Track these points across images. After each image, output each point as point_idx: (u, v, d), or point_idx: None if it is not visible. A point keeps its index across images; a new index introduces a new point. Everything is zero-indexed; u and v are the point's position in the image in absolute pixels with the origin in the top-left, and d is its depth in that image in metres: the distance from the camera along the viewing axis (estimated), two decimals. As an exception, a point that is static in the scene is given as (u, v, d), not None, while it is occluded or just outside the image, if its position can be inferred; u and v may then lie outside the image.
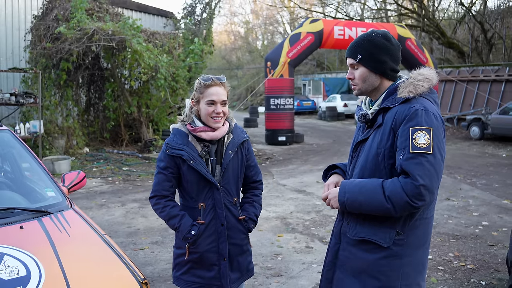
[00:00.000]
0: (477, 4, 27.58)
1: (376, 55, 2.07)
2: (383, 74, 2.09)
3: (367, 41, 2.08)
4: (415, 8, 27.06)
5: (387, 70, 2.09)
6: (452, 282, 4.23)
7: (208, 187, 2.47)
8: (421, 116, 1.93)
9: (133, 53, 10.97)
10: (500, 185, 8.81)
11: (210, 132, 2.46)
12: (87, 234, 2.71)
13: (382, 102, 2.10)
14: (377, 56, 2.07)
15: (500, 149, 14.21)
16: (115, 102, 12.89)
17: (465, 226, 6.09)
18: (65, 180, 3.46)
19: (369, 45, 2.08)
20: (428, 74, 2.07)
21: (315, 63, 37.74)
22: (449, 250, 5.12)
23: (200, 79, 2.48)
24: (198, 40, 14.25)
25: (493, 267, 4.60)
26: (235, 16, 56.48)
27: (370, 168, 2.07)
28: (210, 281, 2.51)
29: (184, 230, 2.44)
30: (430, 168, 1.88)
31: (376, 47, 2.07)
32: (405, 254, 2.02)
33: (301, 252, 5.18)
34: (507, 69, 19.31)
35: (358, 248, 2.09)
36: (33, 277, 2.16)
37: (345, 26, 16.58)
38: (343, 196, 2.06)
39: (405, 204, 1.89)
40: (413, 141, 1.90)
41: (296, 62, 15.87)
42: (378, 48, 2.07)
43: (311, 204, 7.40)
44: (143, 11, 16.52)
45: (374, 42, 2.07)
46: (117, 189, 8.46)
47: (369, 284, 2.05)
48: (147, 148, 12.41)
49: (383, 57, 2.07)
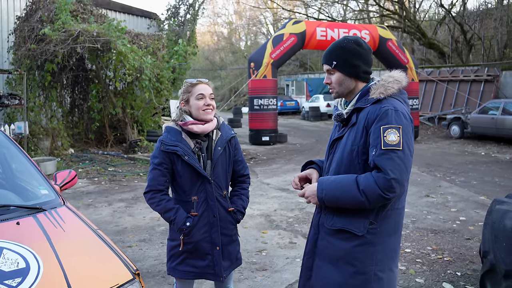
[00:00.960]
0: (457, 5, 28.12)
1: (350, 60, 2.24)
2: (357, 77, 2.27)
3: (340, 47, 2.26)
4: (397, 10, 27.43)
5: (360, 73, 2.27)
6: (430, 274, 4.44)
7: (200, 181, 2.65)
8: (391, 116, 2.11)
9: (118, 55, 11.03)
10: (478, 182, 9.09)
11: (201, 125, 2.65)
12: (81, 229, 2.84)
13: (356, 103, 2.27)
14: (351, 61, 2.25)
15: (479, 147, 14.55)
16: (99, 103, 12.93)
17: (443, 221, 6.32)
18: (57, 178, 3.58)
19: (342, 51, 2.25)
20: (398, 77, 2.25)
21: (298, 64, 37.99)
22: (427, 244, 5.33)
23: (186, 81, 2.70)
24: (182, 41, 14.36)
25: (468, 259, 4.83)
26: (218, 16, 56.57)
27: (345, 163, 2.24)
28: (204, 269, 2.69)
29: (179, 222, 2.60)
30: (400, 162, 2.06)
31: (349, 53, 2.24)
32: (378, 241, 2.20)
33: (285, 247, 5.34)
34: (486, 70, 19.72)
35: (335, 238, 2.26)
36: (32, 269, 2.28)
37: (327, 27, 16.79)
38: (321, 192, 2.23)
39: (378, 197, 2.06)
40: (384, 139, 2.07)
41: (279, 63, 16.04)
42: (350, 53, 2.24)
43: (294, 202, 7.57)
44: (127, 12, 16.55)
45: (346, 49, 2.25)
46: (104, 189, 8.54)
47: (345, 270, 2.23)
48: (132, 149, 12.47)
49: (356, 62, 2.25)
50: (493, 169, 10.57)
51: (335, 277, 2.25)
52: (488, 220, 3.82)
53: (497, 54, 22.88)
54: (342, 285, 2.23)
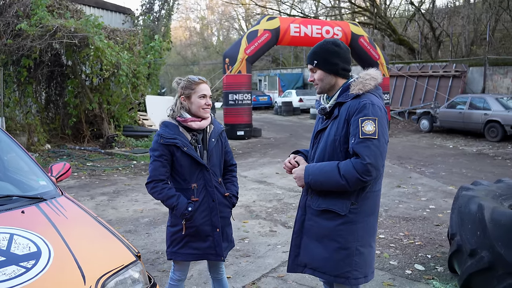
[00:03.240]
0: (426, 3, 28.83)
1: (329, 59, 2.55)
2: (336, 74, 2.57)
3: (321, 48, 2.57)
4: (368, 7, 27.94)
5: (339, 70, 2.57)
6: (403, 257, 4.77)
7: (199, 169, 2.90)
8: (368, 109, 2.41)
9: (95, 50, 11.07)
10: (446, 173, 9.53)
11: (198, 122, 2.92)
12: (83, 217, 3.03)
13: (337, 98, 2.57)
14: (330, 60, 2.55)
15: (447, 140, 15.10)
16: (76, 98, 12.92)
17: (414, 209, 6.69)
18: (52, 170, 3.74)
19: (322, 51, 2.56)
20: (374, 74, 2.56)
21: (271, 59, 38.26)
22: (399, 230, 5.68)
23: (189, 78, 2.94)
24: (158, 37, 14.44)
25: (438, 243, 5.19)
26: (190, 11, 56.34)
27: (328, 151, 2.53)
28: (206, 250, 2.95)
29: (181, 208, 2.85)
30: (376, 150, 2.36)
31: (328, 53, 2.55)
32: (359, 220, 2.51)
33: (265, 235, 5.61)
34: (454, 65, 20.34)
35: (320, 217, 2.56)
36: (43, 252, 2.46)
37: (301, 23, 17.07)
38: (307, 178, 2.53)
39: (357, 180, 2.36)
40: (362, 129, 2.37)
41: (253, 59, 16.27)
42: (329, 53, 2.54)
43: (272, 193, 7.84)
44: (101, 8, 16.47)
45: (326, 49, 2.55)
46: (84, 183, 8.64)
47: (330, 246, 2.53)
48: (109, 144, 12.53)
49: (334, 60, 2.55)
50: (460, 161, 11.06)
51: (322, 252, 2.55)
52: (455, 206, 4.17)
53: (465, 51, 23.61)
54: (327, 260, 2.53)
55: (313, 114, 23.99)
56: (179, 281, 3.12)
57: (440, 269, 4.42)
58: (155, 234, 5.67)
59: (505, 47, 21.97)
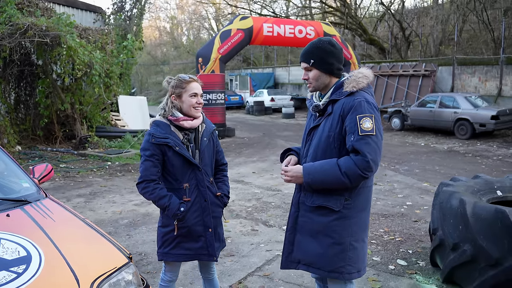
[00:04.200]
0: (396, 3, 29.33)
1: (325, 59, 2.57)
2: (332, 73, 2.60)
3: (317, 48, 2.58)
4: (339, 6, 28.22)
5: (334, 70, 2.60)
6: (385, 253, 4.85)
7: (191, 169, 2.87)
8: (364, 106, 2.45)
9: (67, 50, 10.85)
10: (420, 170, 9.72)
11: (190, 121, 2.88)
12: (71, 219, 2.97)
13: (331, 95, 2.59)
14: (326, 60, 2.57)
15: (419, 138, 15.39)
16: (47, 99, 12.64)
17: (392, 206, 6.80)
18: (34, 172, 3.67)
19: (319, 51, 2.57)
20: (366, 73, 2.60)
21: (242, 59, 38.25)
22: (379, 227, 5.77)
23: (179, 77, 2.90)
24: (131, 37, 14.27)
25: (417, 239, 5.29)
26: (160, 11, 55.85)
27: (322, 148, 2.56)
28: (198, 251, 2.92)
29: (174, 208, 2.81)
30: (375, 145, 2.41)
31: (324, 53, 2.56)
32: (352, 215, 2.55)
33: (248, 234, 5.61)
34: (424, 65, 20.72)
35: (314, 213, 2.59)
36: (34, 256, 2.39)
37: (274, 23, 17.14)
38: (307, 177, 2.53)
39: (358, 176, 2.40)
40: (360, 126, 2.41)
41: (227, 58, 16.24)
42: (326, 53, 2.56)
43: (250, 193, 7.85)
44: (71, 6, 16.13)
45: (322, 49, 2.57)
46: (59, 185, 8.47)
47: (324, 241, 2.56)
48: (82, 145, 12.30)
49: (331, 60, 2.57)
50: (433, 158, 11.29)
51: (316, 248, 2.57)
52: (436, 201, 4.26)
53: (433, 51, 24.10)
54: (322, 255, 2.56)
55: (285, 114, 24.10)
56: (170, 282, 3.09)
57: (422, 264, 4.51)
58: (136, 235, 5.60)
59: (472, 47, 22.52)
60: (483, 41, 21.38)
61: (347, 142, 2.46)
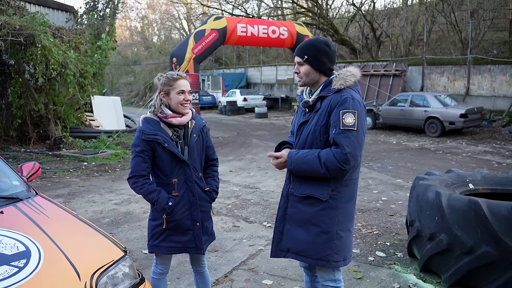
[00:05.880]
0: (366, 4, 29.83)
1: (319, 57, 2.71)
2: (322, 72, 2.75)
3: (313, 45, 2.72)
4: (310, 7, 28.51)
5: (325, 70, 2.75)
6: (364, 245, 5.03)
7: (180, 165, 2.96)
8: (349, 102, 2.60)
9: (42, 49, 10.73)
10: (393, 167, 10.00)
11: (179, 118, 2.97)
12: (63, 215, 3.03)
13: (320, 92, 2.75)
14: (320, 58, 2.71)
15: (390, 136, 15.75)
16: (20, 99, 12.46)
17: (368, 201, 7.01)
18: (23, 170, 3.70)
19: (314, 48, 2.71)
20: (354, 71, 2.75)
21: (213, 59, 38.23)
22: (357, 221, 5.96)
23: (167, 75, 2.98)
24: (105, 36, 14.18)
25: (394, 232, 5.50)
26: (131, 10, 55.32)
27: (309, 141, 2.72)
28: (186, 244, 3.01)
29: (162, 202, 2.90)
30: (354, 140, 2.55)
31: (319, 51, 2.71)
32: (339, 206, 2.70)
33: (230, 231, 5.72)
34: (394, 65, 21.16)
35: (303, 204, 2.74)
36: (33, 251, 2.45)
37: (247, 23, 17.22)
38: (290, 165, 2.72)
39: (337, 168, 2.55)
40: (342, 120, 2.56)
41: (201, 58, 16.25)
42: (320, 52, 2.71)
43: (229, 191, 7.96)
44: (42, 5, 15.90)
45: (318, 47, 2.71)
46: (36, 186, 8.40)
47: (312, 230, 2.71)
48: (56, 146, 12.17)
49: (323, 59, 2.72)
50: (405, 156, 11.61)
51: (304, 237, 2.72)
52: (412, 194, 4.46)
53: (403, 51, 24.61)
54: (310, 243, 2.71)
55: (258, 113, 24.23)
56: (162, 275, 3.18)
57: (399, 255, 4.71)
58: (119, 233, 5.65)
59: (441, 47, 23.09)
60: (451, 42, 21.95)
61: (330, 135, 2.62)
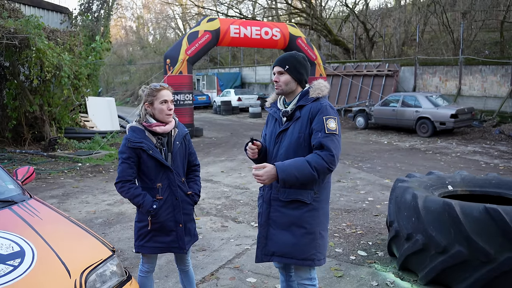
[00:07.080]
0: (360, 5, 30.05)
1: (298, 68, 2.96)
2: (300, 82, 2.99)
3: (294, 58, 2.98)
4: (304, 8, 28.69)
5: (303, 81, 3.00)
6: (346, 245, 5.23)
7: (163, 170, 3.19)
8: (329, 110, 2.86)
9: (37, 52, 10.87)
10: (382, 167, 10.20)
11: (162, 126, 3.19)
12: (56, 217, 3.21)
13: (297, 102, 2.97)
14: (299, 69, 2.96)
15: (382, 137, 15.95)
16: (15, 100, 12.59)
17: (354, 202, 7.21)
18: (17, 174, 3.87)
19: (294, 60, 2.97)
20: (325, 83, 3.02)
21: (208, 58, 38.36)
22: (342, 221, 6.16)
23: (151, 86, 3.20)
24: (99, 38, 14.32)
25: (377, 231, 5.70)
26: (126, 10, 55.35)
27: (293, 148, 2.91)
28: (170, 244, 3.23)
29: (147, 205, 3.11)
30: (338, 143, 2.81)
31: (299, 63, 2.97)
32: (320, 207, 2.93)
33: (218, 230, 5.91)
34: (387, 65, 21.37)
35: (287, 208, 2.93)
36: (27, 251, 2.64)
37: (240, 25, 17.40)
38: (282, 174, 2.76)
39: (326, 170, 2.76)
40: (327, 126, 2.80)
41: (194, 59, 16.43)
42: (300, 64, 2.97)
43: (219, 191, 8.14)
44: (37, 6, 15.97)
45: (298, 59, 2.97)
46: (30, 187, 8.55)
47: (297, 232, 2.91)
48: (51, 147, 12.31)
49: (302, 71, 2.97)
50: (395, 156, 11.82)
51: (289, 239, 2.92)
52: (392, 196, 4.65)
53: (396, 51, 24.85)
54: (295, 245, 2.91)
55: (252, 113, 24.37)
56: (148, 273, 3.38)
57: (380, 254, 4.90)
58: (111, 233, 5.82)
59: (433, 48, 23.32)
60: (443, 42, 22.19)
61: (313, 140, 2.82)
